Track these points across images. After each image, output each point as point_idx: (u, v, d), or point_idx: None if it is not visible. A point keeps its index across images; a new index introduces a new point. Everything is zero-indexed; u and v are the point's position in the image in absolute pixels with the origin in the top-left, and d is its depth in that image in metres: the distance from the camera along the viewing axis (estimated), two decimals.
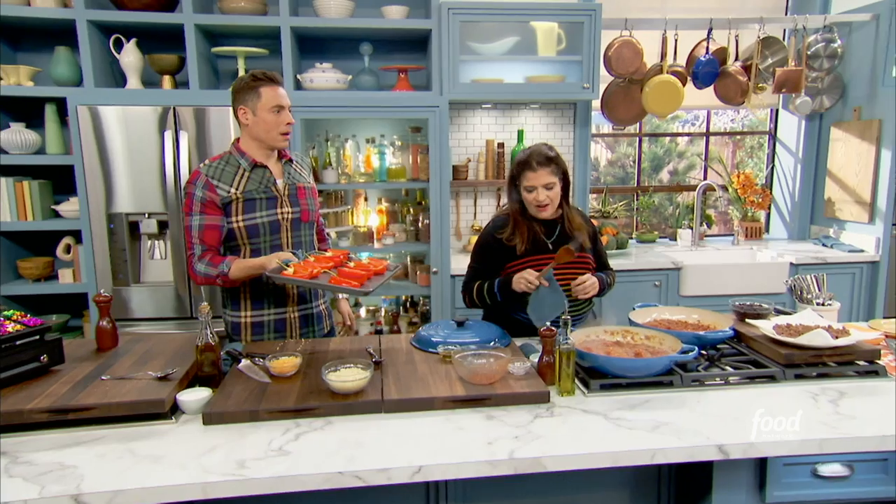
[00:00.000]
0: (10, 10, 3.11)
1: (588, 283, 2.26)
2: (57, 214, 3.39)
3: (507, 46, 3.56)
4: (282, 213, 2.22)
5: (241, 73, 3.44)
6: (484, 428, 1.58)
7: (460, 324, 2.15)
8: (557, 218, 2.38)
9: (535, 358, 1.90)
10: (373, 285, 1.95)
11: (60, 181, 3.44)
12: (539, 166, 2.24)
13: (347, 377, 1.72)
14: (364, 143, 3.71)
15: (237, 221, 2.16)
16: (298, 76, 3.42)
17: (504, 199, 4.00)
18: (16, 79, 3.23)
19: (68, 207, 3.34)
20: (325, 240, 2.57)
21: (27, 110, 3.39)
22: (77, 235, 3.36)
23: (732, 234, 4.40)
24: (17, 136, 3.24)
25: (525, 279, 2.21)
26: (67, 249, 3.41)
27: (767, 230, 4.67)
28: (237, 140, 2.23)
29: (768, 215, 4.67)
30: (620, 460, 1.46)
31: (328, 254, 2.16)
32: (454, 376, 1.81)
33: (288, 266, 1.97)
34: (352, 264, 2.08)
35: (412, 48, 3.78)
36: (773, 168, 4.62)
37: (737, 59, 4.02)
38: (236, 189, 2.15)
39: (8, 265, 3.36)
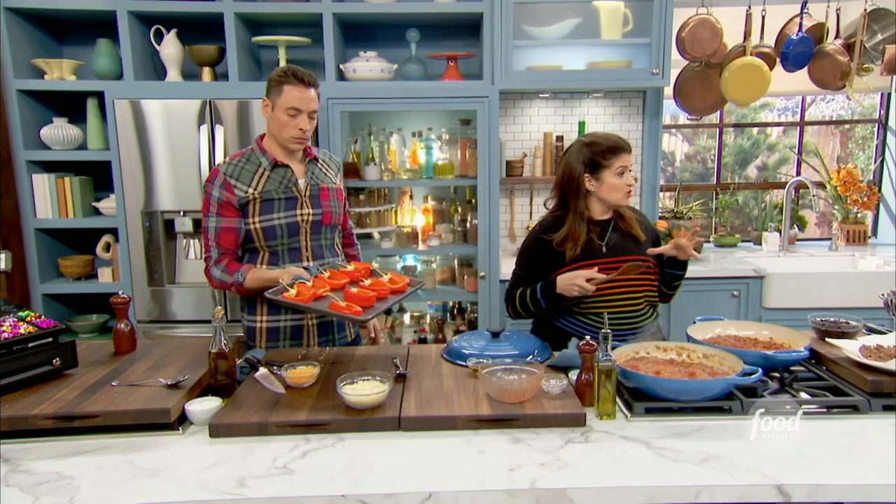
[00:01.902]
0: (53, 2, 3.28)
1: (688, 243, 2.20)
2: (97, 212, 3.56)
3: (567, 29, 3.48)
4: (301, 214, 2.23)
5: (283, 63, 3.51)
6: (508, 452, 1.53)
7: (496, 335, 2.10)
8: (609, 217, 2.30)
9: (574, 375, 1.83)
10: (376, 311, 1.92)
11: (102, 177, 3.60)
12: (628, 150, 2.23)
13: (364, 390, 1.70)
14: (410, 136, 3.71)
15: (254, 223, 2.19)
16: (341, 66, 3.45)
17: None
18: (59, 73, 3.41)
19: (108, 204, 3.49)
20: (354, 244, 2.57)
21: (70, 105, 3.57)
22: (117, 233, 3.51)
23: (830, 239, 4.13)
24: (58, 131, 3.41)
25: (577, 285, 2.14)
26: (107, 248, 3.56)
27: (874, 234, 4.37)
28: (262, 136, 2.27)
29: (876, 217, 4.36)
30: (658, 497, 1.38)
31: (349, 267, 2.15)
32: (481, 393, 1.77)
33: (293, 286, 1.96)
34: (367, 282, 2.05)
35: (463, 34, 3.75)
36: (882, 162, 4.31)
37: (837, 36, 3.79)
38: (254, 189, 2.18)
39: (49, 263, 3.55)
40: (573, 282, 2.14)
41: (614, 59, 3.55)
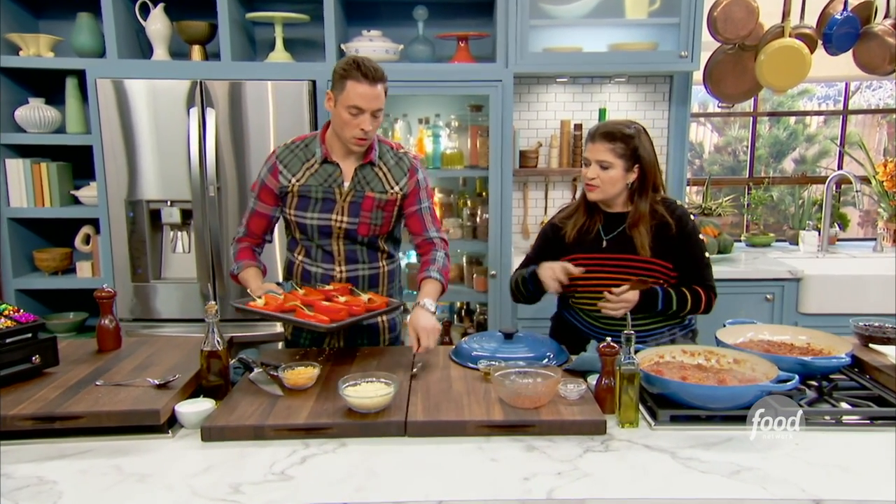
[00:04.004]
0: None
1: (619, 298, 2.19)
2: (76, 200, 3.59)
3: (588, 8, 3.49)
4: (335, 220, 2.28)
5: (279, 42, 3.54)
6: (522, 460, 1.56)
7: (508, 336, 2.14)
8: (625, 213, 2.32)
9: (593, 380, 1.85)
10: (346, 322, 2.00)
11: (81, 163, 3.63)
12: (599, 139, 2.23)
13: (367, 392, 1.73)
14: (416, 123, 3.74)
15: (290, 214, 2.30)
16: (343, 46, 3.47)
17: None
18: (35, 49, 3.44)
19: (88, 193, 3.52)
20: (430, 251, 2.39)
21: (48, 84, 3.60)
22: (97, 224, 3.54)
23: (875, 239, 4.14)
24: (35, 112, 3.44)
25: (556, 278, 2.23)
26: (87, 240, 3.60)
27: None
28: (327, 124, 2.30)
29: None
30: None
31: (328, 287, 2.22)
32: (493, 398, 1.80)
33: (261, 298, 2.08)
34: (343, 299, 2.11)
35: (474, 12, 3.77)
36: None
37: (887, 15, 3.79)
38: (297, 181, 2.26)
39: (23, 256, 3.58)
40: (553, 271, 2.24)
41: (639, 40, 3.56)
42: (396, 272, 2.50)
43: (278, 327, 3.21)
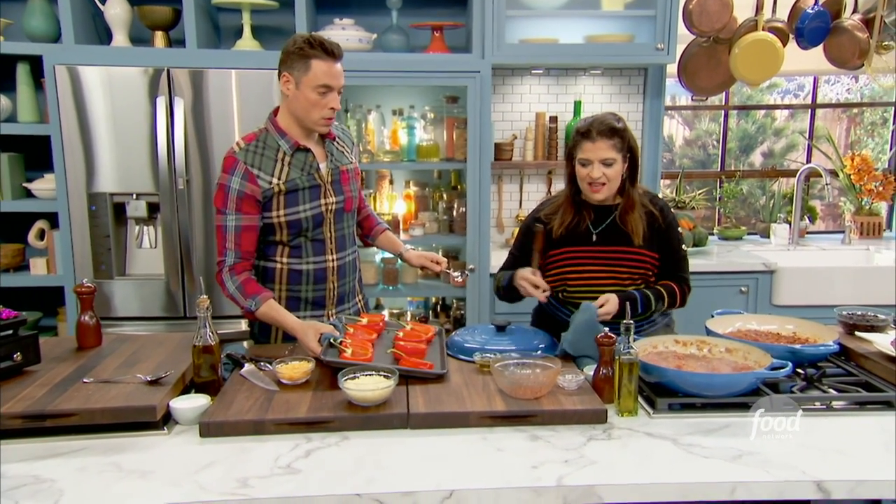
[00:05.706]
0: None
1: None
2: (29, 194, 3.53)
3: None
4: (326, 203, 2.30)
5: (247, 29, 3.53)
6: (527, 450, 1.62)
7: (501, 328, 2.21)
8: (613, 205, 2.39)
9: (590, 370, 1.93)
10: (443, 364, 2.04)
11: (34, 154, 3.57)
12: (599, 137, 2.25)
13: (368, 385, 1.77)
14: (390, 115, 3.78)
15: (278, 216, 2.23)
16: (314, 34, 3.48)
17: (556, 187, 4.03)
18: None
19: (43, 185, 3.47)
20: (375, 224, 2.65)
21: None
22: (52, 219, 3.48)
23: (843, 231, 4.34)
24: None
25: (528, 282, 2.29)
26: (41, 235, 3.54)
27: (889, 226, 4.58)
28: (275, 112, 2.28)
29: (891, 208, 4.58)
30: (692, 494, 1.49)
31: (363, 321, 2.24)
32: (493, 389, 1.87)
33: (337, 342, 2.00)
34: (401, 334, 2.18)
35: (449, 1, 3.81)
36: None
37: (855, 10, 3.97)
38: (279, 179, 2.21)
39: None
40: (525, 277, 2.31)
41: (615, 32, 3.66)
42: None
43: (243, 325, 3.21)
